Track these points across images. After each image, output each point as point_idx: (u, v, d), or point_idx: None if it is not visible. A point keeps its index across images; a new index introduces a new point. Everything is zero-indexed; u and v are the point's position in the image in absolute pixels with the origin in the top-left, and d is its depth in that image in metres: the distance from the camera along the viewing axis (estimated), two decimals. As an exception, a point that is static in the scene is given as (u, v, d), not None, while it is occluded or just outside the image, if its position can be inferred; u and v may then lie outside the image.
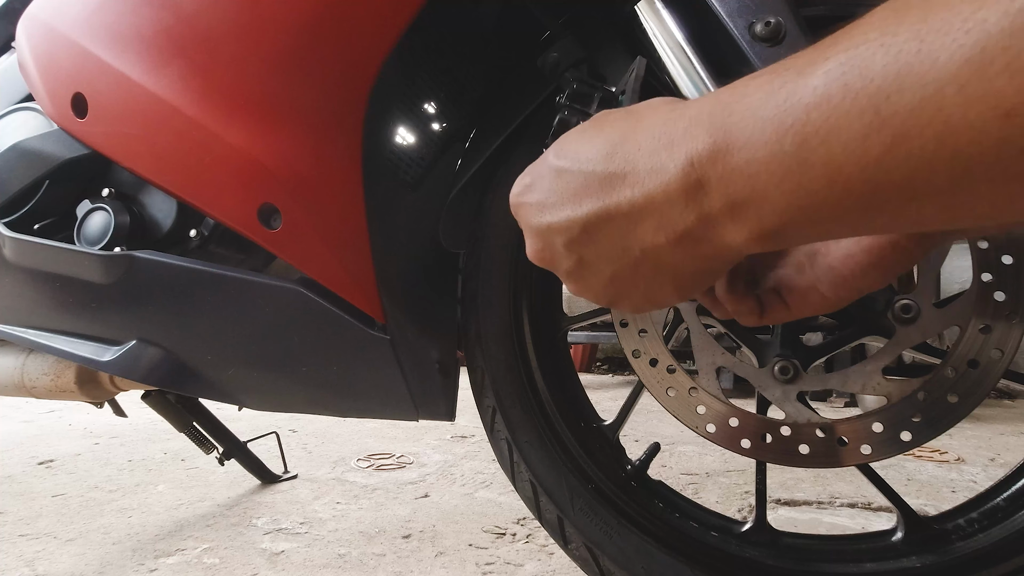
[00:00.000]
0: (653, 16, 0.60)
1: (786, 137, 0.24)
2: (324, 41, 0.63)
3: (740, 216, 0.27)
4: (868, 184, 0.23)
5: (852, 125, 0.22)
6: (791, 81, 0.24)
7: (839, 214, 0.24)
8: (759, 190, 0.25)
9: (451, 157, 0.80)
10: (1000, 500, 0.60)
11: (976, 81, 0.19)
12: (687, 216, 0.29)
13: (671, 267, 0.32)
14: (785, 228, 0.26)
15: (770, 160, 0.25)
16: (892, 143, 0.21)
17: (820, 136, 0.23)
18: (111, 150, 0.74)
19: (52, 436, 2.02)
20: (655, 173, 0.29)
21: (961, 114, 0.19)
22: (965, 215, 0.22)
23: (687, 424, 0.63)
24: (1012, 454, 1.79)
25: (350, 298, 0.68)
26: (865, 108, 0.22)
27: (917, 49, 0.20)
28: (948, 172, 0.21)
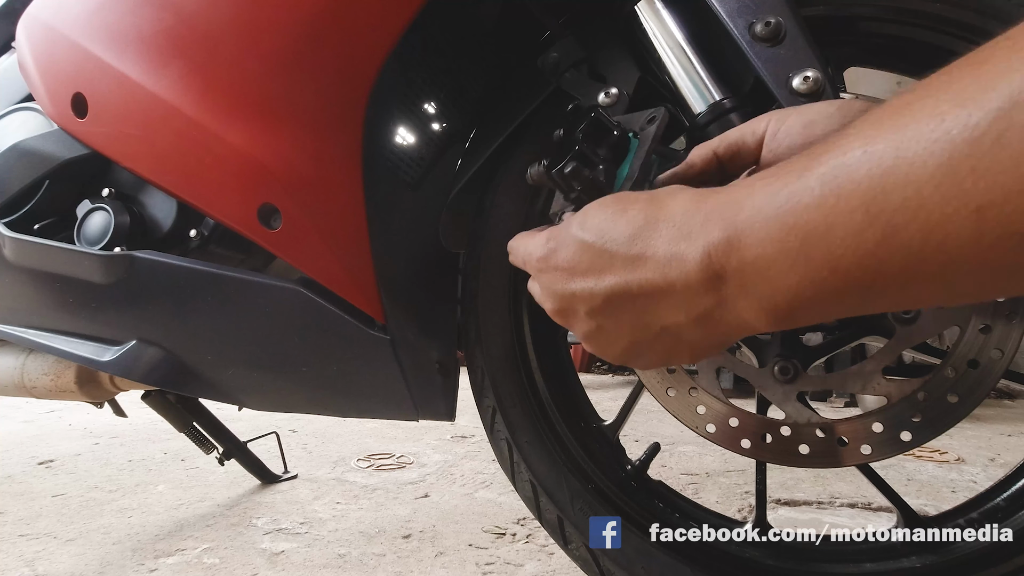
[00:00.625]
0: (653, 16, 0.59)
1: (791, 235, 0.27)
2: (324, 41, 0.63)
3: (754, 302, 0.30)
4: (866, 273, 0.25)
5: (847, 223, 0.25)
6: (791, 183, 0.27)
7: (842, 298, 0.27)
8: (770, 279, 0.29)
9: (451, 157, 0.80)
10: (1000, 500, 0.60)
11: (948, 183, 0.22)
12: (707, 300, 0.32)
13: (690, 342, 0.35)
14: (794, 311, 0.29)
15: (778, 255, 0.28)
16: (883, 237, 0.24)
17: (819, 233, 0.26)
18: (111, 150, 0.73)
19: (52, 436, 2.02)
20: (676, 260, 0.32)
21: (940, 210, 0.22)
22: (958, 295, 0.25)
23: (687, 424, 0.63)
24: (1012, 454, 1.79)
25: (350, 298, 0.68)
26: (856, 208, 0.25)
27: (895, 156, 0.23)
28: (936, 260, 0.23)
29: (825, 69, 0.50)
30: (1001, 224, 0.21)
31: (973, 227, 0.22)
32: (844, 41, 0.62)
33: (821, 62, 0.50)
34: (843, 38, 0.61)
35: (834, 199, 0.25)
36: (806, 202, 0.26)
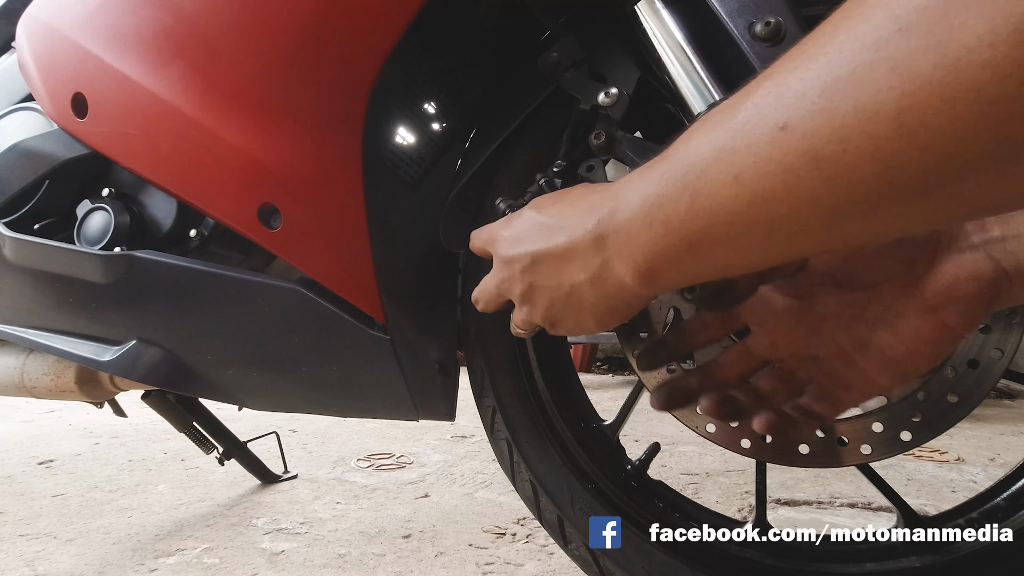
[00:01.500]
0: (653, 16, 0.59)
1: (644, 204, 0.35)
2: (324, 41, 0.63)
3: (627, 260, 0.37)
4: (686, 233, 0.33)
5: (671, 193, 0.33)
6: (650, 170, 0.36)
7: (681, 257, 0.34)
8: (632, 239, 0.37)
9: (451, 157, 0.80)
10: (1000, 500, 0.60)
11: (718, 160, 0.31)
12: (596, 260, 0.40)
13: (590, 302, 0.42)
14: (653, 269, 0.36)
15: (636, 219, 0.36)
16: (690, 201, 0.32)
17: (657, 202, 0.34)
18: (111, 150, 0.73)
19: (52, 436, 2.02)
20: (579, 228, 0.41)
21: (714, 179, 0.31)
22: (760, 256, 0.32)
23: (687, 424, 0.63)
24: (1012, 454, 1.79)
25: (350, 298, 0.68)
26: (676, 183, 0.33)
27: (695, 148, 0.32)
28: (723, 219, 0.31)
29: (825, 69, 0.50)
30: (750, 185, 0.29)
31: (735, 190, 0.30)
32: (844, 41, 0.62)
33: (821, 62, 0.50)
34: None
35: (666, 177, 0.34)
36: (652, 181, 0.35)
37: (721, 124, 0.31)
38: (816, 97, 0.26)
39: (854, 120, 0.25)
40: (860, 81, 0.25)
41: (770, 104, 0.28)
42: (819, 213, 0.28)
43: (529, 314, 0.48)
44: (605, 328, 0.45)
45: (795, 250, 0.31)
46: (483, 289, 0.52)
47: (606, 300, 0.41)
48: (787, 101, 0.27)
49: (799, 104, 0.27)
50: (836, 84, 0.26)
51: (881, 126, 0.24)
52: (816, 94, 0.26)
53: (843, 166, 0.26)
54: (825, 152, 0.26)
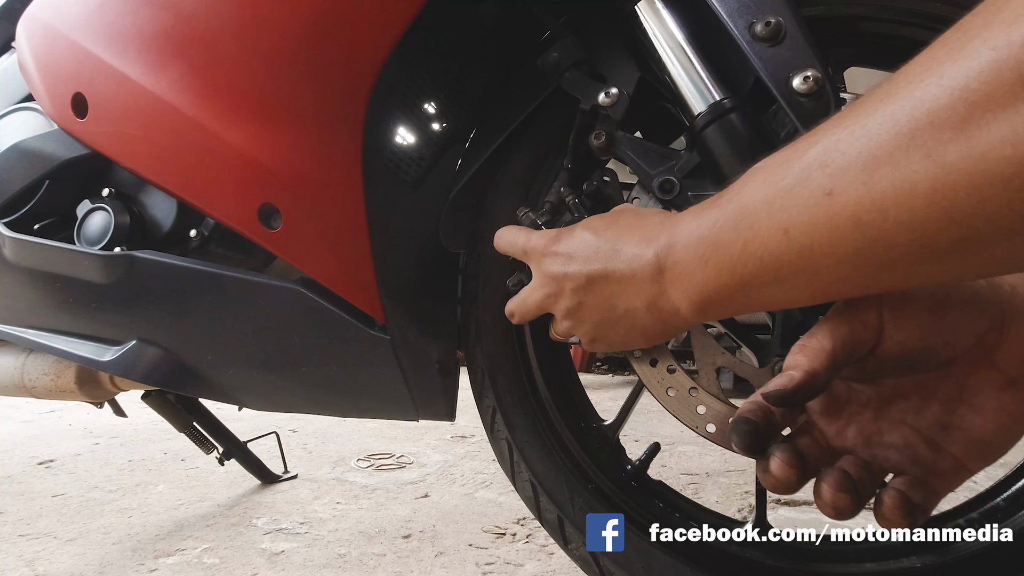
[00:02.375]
0: (653, 16, 0.59)
1: (700, 245, 0.39)
2: (324, 41, 0.63)
3: (681, 292, 0.42)
4: (737, 274, 0.37)
5: (724, 239, 0.37)
6: (705, 213, 0.39)
7: (732, 293, 0.38)
8: (688, 274, 0.41)
9: (451, 157, 0.80)
10: (1000, 500, 0.60)
11: (767, 214, 0.34)
12: (654, 288, 0.44)
13: (642, 325, 0.46)
14: (705, 302, 0.40)
15: (692, 258, 0.40)
16: (741, 249, 0.36)
17: (712, 245, 0.38)
18: (111, 150, 0.73)
19: (52, 436, 2.02)
20: (638, 257, 0.44)
21: (765, 231, 0.34)
22: (809, 296, 0.35)
23: (687, 424, 0.63)
24: (1012, 454, 1.78)
25: (350, 298, 0.68)
26: (728, 230, 0.37)
27: (746, 199, 0.36)
28: (771, 267, 0.34)
29: (825, 69, 0.50)
30: (799, 239, 0.32)
31: (784, 243, 0.33)
32: (844, 41, 0.62)
33: (821, 62, 0.50)
34: (843, 38, 0.61)
35: (720, 224, 0.38)
36: (707, 225, 0.39)
37: (772, 181, 0.34)
38: (859, 171, 0.29)
39: (892, 195, 0.28)
40: (898, 163, 0.28)
41: (817, 172, 0.31)
42: (859, 266, 0.31)
43: (572, 328, 0.51)
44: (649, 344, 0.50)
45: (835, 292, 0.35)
46: (522, 302, 0.55)
47: (659, 325, 0.45)
48: (832, 171, 0.31)
49: (843, 175, 0.30)
50: (876, 162, 0.29)
51: (917, 201, 0.28)
52: (859, 168, 0.29)
53: (883, 232, 0.29)
54: (867, 219, 0.29)
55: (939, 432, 0.37)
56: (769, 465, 0.37)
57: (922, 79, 0.28)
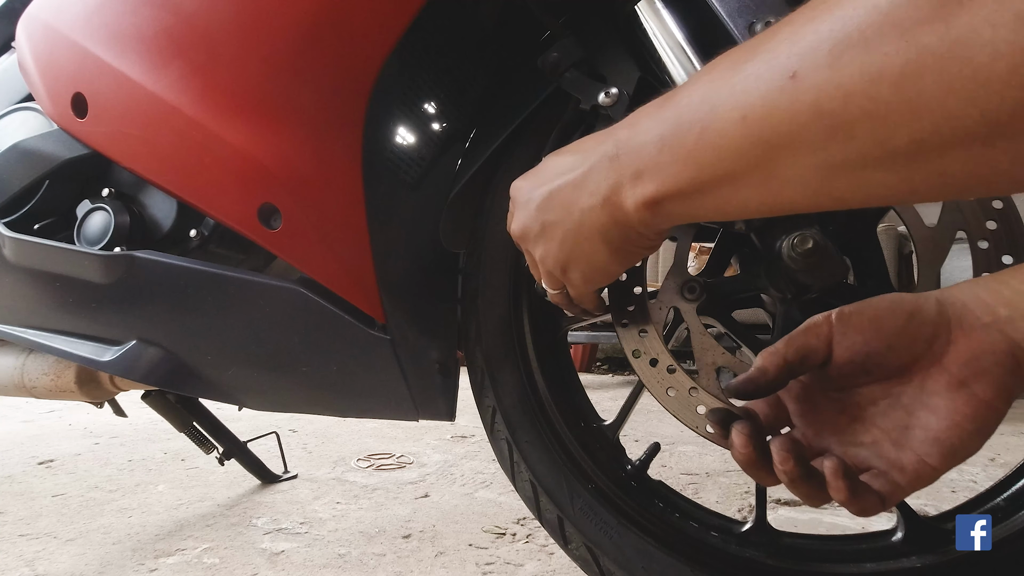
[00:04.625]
0: (653, 16, 0.59)
1: (658, 127, 0.38)
2: (325, 41, 0.63)
3: (634, 182, 0.40)
4: (694, 163, 0.35)
5: (682, 130, 0.36)
6: (663, 108, 0.38)
7: (682, 189, 0.37)
8: (643, 162, 0.39)
9: (451, 157, 0.80)
10: (1000, 500, 0.60)
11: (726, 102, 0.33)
12: (608, 180, 0.41)
13: (601, 229, 0.43)
14: (659, 196, 0.38)
15: (647, 142, 0.38)
16: (697, 137, 0.35)
17: (670, 133, 0.37)
18: (111, 150, 0.73)
19: (52, 436, 2.02)
20: (596, 151, 0.43)
21: (724, 119, 0.33)
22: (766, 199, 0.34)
23: (687, 424, 0.63)
24: (1012, 454, 1.79)
25: (350, 298, 0.68)
26: (688, 120, 0.35)
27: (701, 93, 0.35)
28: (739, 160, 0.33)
29: (825, 69, 0.50)
30: (756, 127, 0.31)
31: (741, 130, 0.32)
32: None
33: (821, 62, 0.50)
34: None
35: (680, 108, 0.36)
36: (668, 106, 0.37)
37: (735, 62, 0.33)
38: (826, 52, 0.28)
39: (859, 79, 0.27)
40: (869, 43, 0.26)
41: (783, 52, 0.30)
42: (816, 163, 0.30)
43: (542, 259, 0.49)
44: (620, 264, 0.46)
45: (789, 198, 0.33)
46: (512, 227, 0.53)
47: (617, 227, 0.43)
48: (799, 50, 0.29)
49: (810, 56, 0.28)
50: (847, 41, 0.27)
51: (882, 88, 0.26)
52: (827, 48, 0.28)
53: (842, 121, 0.28)
54: (828, 106, 0.28)
55: (903, 432, 0.40)
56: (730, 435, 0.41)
57: None
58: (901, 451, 0.40)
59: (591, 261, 0.46)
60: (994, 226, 0.55)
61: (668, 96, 0.38)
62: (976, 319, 0.38)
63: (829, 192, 0.31)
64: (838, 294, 0.61)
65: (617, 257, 0.45)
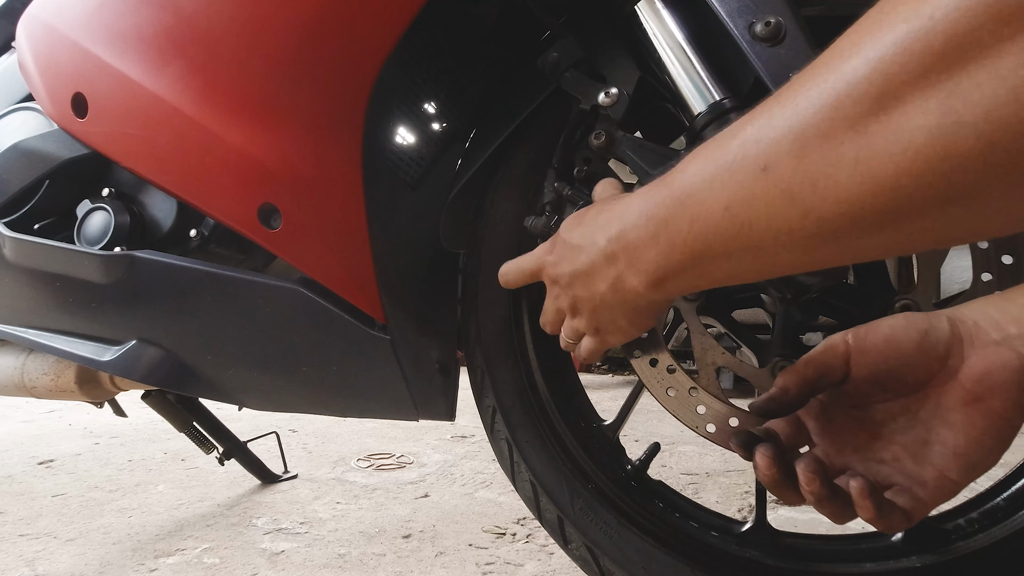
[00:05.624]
0: (653, 16, 0.59)
1: (650, 224, 0.40)
2: (325, 41, 0.63)
3: (638, 272, 0.43)
4: (687, 249, 0.38)
5: (673, 217, 0.38)
6: (652, 193, 0.41)
7: (685, 269, 0.39)
8: (641, 253, 0.42)
9: (451, 157, 0.80)
10: (1000, 500, 0.60)
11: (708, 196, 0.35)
12: (611, 273, 0.45)
13: (618, 306, 0.48)
14: (661, 279, 0.41)
15: (644, 238, 0.41)
16: (689, 225, 0.37)
17: (663, 223, 0.39)
18: (111, 150, 0.73)
19: (52, 436, 2.02)
20: (593, 246, 0.46)
21: (706, 208, 0.36)
22: (762, 270, 0.37)
23: (687, 424, 0.63)
24: (1012, 454, 1.78)
25: (350, 298, 0.68)
26: (675, 208, 0.38)
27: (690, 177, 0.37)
28: (729, 243, 0.35)
29: (825, 69, 0.50)
30: (739, 215, 0.33)
31: (726, 219, 0.34)
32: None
33: (821, 62, 0.50)
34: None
35: (667, 202, 0.39)
36: (654, 203, 0.40)
37: (713, 158, 0.36)
38: (790, 145, 0.31)
39: (821, 166, 0.29)
40: (825, 135, 0.29)
41: (753, 148, 0.33)
42: (796, 241, 0.32)
43: (578, 324, 0.54)
44: (640, 328, 0.52)
45: (781, 266, 0.36)
46: (545, 312, 0.58)
47: (626, 304, 0.47)
48: (766, 146, 0.32)
49: (776, 149, 0.31)
50: (805, 135, 0.30)
51: (842, 173, 0.29)
52: (790, 142, 0.31)
53: (813, 205, 0.30)
54: (798, 192, 0.31)
55: (922, 447, 0.42)
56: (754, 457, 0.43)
57: (846, 53, 0.29)
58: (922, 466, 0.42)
59: (615, 326, 0.51)
60: (994, 226, 0.55)
61: (650, 188, 0.41)
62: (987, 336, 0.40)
63: (816, 258, 0.34)
64: (838, 294, 0.61)
65: (635, 323, 0.50)
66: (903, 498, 0.41)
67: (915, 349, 0.41)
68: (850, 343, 0.44)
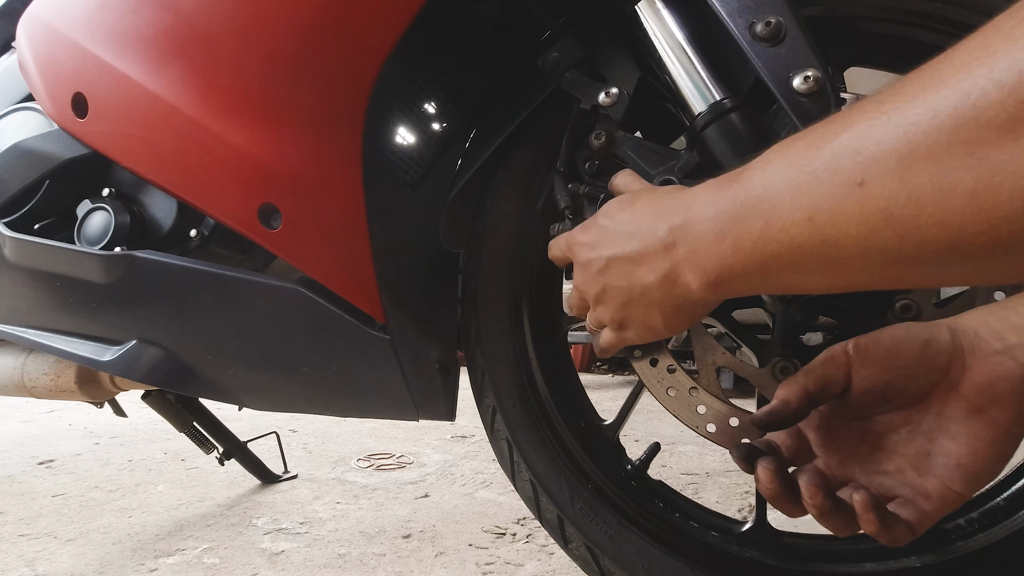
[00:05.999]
0: (653, 16, 0.59)
1: (717, 222, 0.38)
2: (325, 41, 0.63)
3: (693, 267, 0.41)
4: (755, 254, 0.36)
5: (744, 217, 0.37)
6: (721, 191, 0.39)
7: (749, 272, 0.38)
8: (703, 250, 0.40)
9: (451, 157, 0.80)
10: (1000, 500, 0.60)
11: (791, 199, 0.34)
12: (665, 264, 0.43)
13: (658, 302, 0.45)
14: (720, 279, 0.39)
15: (708, 234, 0.39)
16: (761, 230, 0.35)
17: (731, 222, 0.37)
18: (111, 150, 0.73)
19: (52, 436, 2.02)
20: (650, 233, 0.44)
21: (788, 216, 0.34)
22: (830, 283, 0.35)
23: (687, 424, 0.63)
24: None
25: (350, 298, 0.68)
26: (748, 209, 0.36)
27: (769, 179, 0.36)
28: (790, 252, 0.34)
29: (825, 69, 0.50)
30: (824, 228, 0.32)
31: (808, 230, 0.33)
32: (844, 41, 0.62)
33: (821, 62, 0.50)
34: (843, 38, 0.61)
35: (741, 201, 0.37)
36: (726, 200, 0.38)
37: (799, 163, 0.33)
38: (894, 163, 0.28)
39: (929, 192, 0.27)
40: (938, 158, 0.27)
41: (849, 160, 0.30)
42: (886, 261, 0.31)
43: (601, 314, 0.51)
44: (672, 330, 0.48)
45: (856, 283, 0.34)
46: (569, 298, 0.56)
47: (673, 300, 0.44)
48: (865, 160, 0.29)
49: (877, 166, 0.29)
50: (913, 155, 0.27)
51: (956, 201, 0.26)
52: (895, 160, 0.28)
53: (915, 228, 0.28)
54: (900, 214, 0.28)
55: (924, 459, 0.42)
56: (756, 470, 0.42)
57: (970, 69, 0.26)
58: (924, 478, 0.41)
59: (646, 324, 0.48)
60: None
61: (722, 183, 0.39)
62: (988, 346, 0.39)
63: (900, 279, 0.33)
64: (838, 294, 0.61)
65: (671, 324, 0.47)
66: (907, 510, 0.41)
67: (916, 360, 0.41)
68: (851, 353, 0.43)
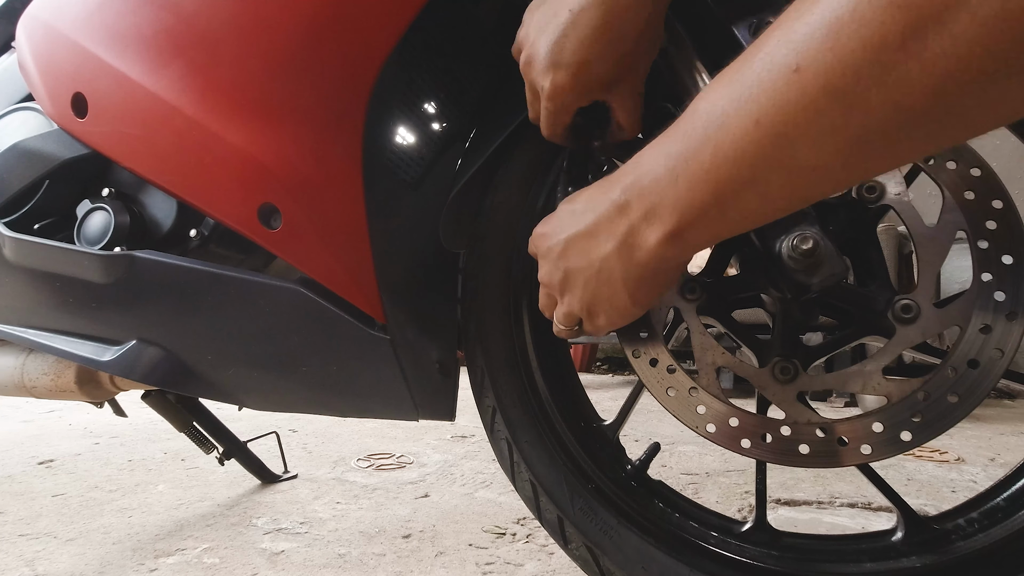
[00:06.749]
0: (653, 16, 0.59)
1: (668, 163, 0.38)
2: (325, 41, 0.63)
3: (651, 220, 0.40)
4: (712, 182, 0.36)
5: (695, 151, 0.36)
6: (668, 138, 0.39)
7: (707, 210, 0.37)
8: (658, 200, 0.39)
9: (451, 157, 0.80)
10: (1000, 500, 0.60)
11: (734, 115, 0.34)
12: (621, 226, 0.42)
13: (620, 274, 0.44)
14: (682, 228, 0.39)
15: (662, 179, 0.39)
16: (712, 154, 0.35)
17: (683, 160, 0.37)
18: (111, 150, 0.73)
19: (52, 436, 2.02)
20: (604, 201, 0.44)
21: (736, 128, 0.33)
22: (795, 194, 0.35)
23: (687, 424, 0.63)
24: (1012, 454, 1.79)
25: (350, 298, 0.68)
26: (698, 139, 0.36)
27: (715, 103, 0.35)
28: (759, 163, 0.33)
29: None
30: (772, 126, 0.31)
31: (757, 134, 0.32)
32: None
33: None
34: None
35: (687, 134, 0.37)
36: (674, 140, 0.38)
37: (736, 77, 0.33)
38: (823, 37, 0.28)
39: (862, 52, 0.27)
40: (863, 18, 0.27)
41: (780, 50, 0.30)
42: (838, 145, 0.30)
43: (569, 305, 0.50)
44: (641, 305, 0.47)
45: (816, 186, 0.34)
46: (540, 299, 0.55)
47: (635, 269, 0.43)
48: (796, 45, 0.30)
49: (808, 45, 0.29)
50: (839, 22, 0.28)
51: (888, 53, 0.27)
52: (822, 34, 0.28)
53: (857, 96, 0.28)
54: (840, 85, 0.28)
55: None
56: None
57: None
58: None
59: (613, 304, 0.47)
60: (994, 226, 0.55)
61: (665, 134, 0.39)
62: None
63: (854, 171, 0.32)
64: (838, 294, 0.61)
65: (636, 298, 0.46)
66: None
67: None
68: None
